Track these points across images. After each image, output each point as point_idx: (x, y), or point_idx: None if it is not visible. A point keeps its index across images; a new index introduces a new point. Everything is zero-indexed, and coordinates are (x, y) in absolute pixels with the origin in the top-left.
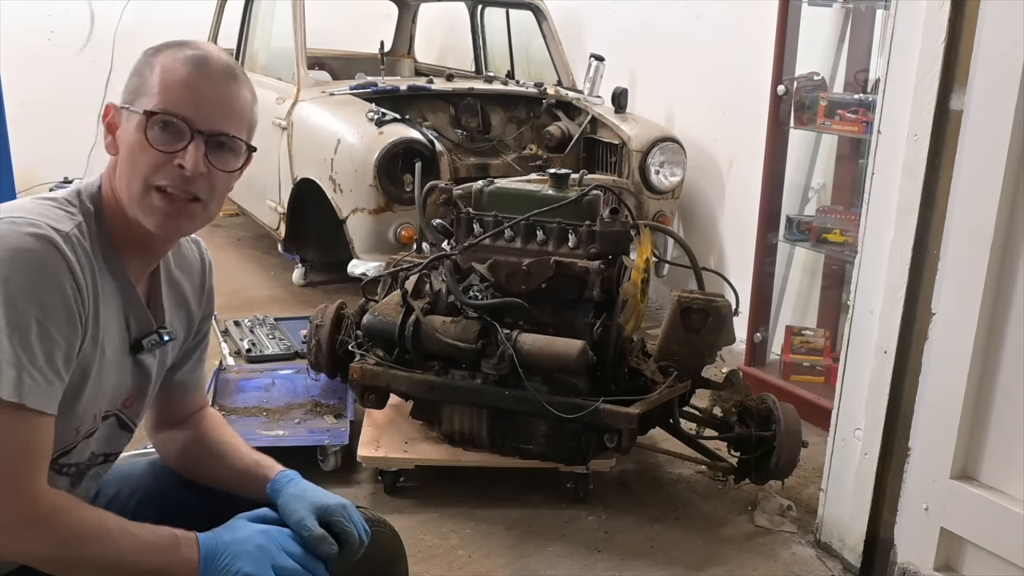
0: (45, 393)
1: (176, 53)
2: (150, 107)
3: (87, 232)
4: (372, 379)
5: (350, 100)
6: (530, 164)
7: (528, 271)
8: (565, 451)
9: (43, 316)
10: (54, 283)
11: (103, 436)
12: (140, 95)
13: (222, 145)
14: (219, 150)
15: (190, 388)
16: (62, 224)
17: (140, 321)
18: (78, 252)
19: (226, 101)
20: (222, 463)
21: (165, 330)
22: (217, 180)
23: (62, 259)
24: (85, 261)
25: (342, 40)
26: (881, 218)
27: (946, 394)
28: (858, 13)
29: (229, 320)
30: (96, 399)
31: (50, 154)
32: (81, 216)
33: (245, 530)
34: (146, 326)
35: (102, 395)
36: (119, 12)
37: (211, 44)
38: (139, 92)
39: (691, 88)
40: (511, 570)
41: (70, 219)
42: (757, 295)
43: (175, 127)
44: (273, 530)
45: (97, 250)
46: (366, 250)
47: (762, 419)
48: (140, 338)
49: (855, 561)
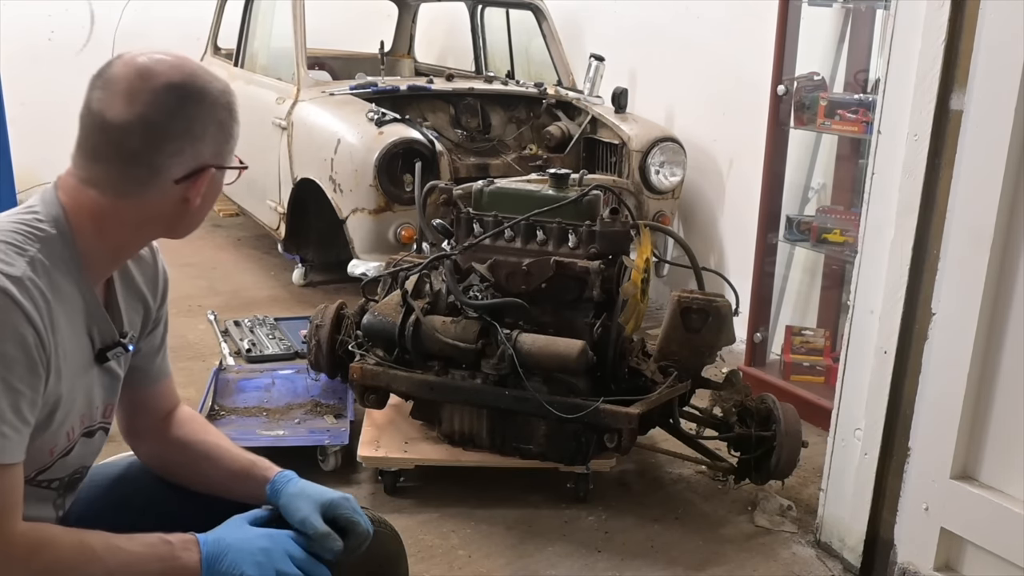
0: (14, 446)
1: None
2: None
3: (44, 260)
4: (372, 379)
5: (350, 100)
6: (530, 164)
7: (528, 271)
8: (565, 451)
9: (5, 371)
10: (12, 336)
11: (88, 450)
12: (230, 150)
13: None
14: None
15: (152, 377)
16: (14, 266)
17: (103, 332)
18: (33, 294)
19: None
20: (213, 467)
21: (127, 338)
22: None
23: (17, 309)
24: (41, 302)
25: (342, 40)
26: (881, 218)
27: (946, 394)
28: (858, 13)
29: (229, 320)
30: (66, 420)
31: (50, 154)
32: (38, 245)
33: (247, 532)
34: (109, 336)
35: (73, 414)
36: (119, 12)
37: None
38: (231, 147)
39: (691, 88)
40: (511, 570)
41: (21, 256)
42: (757, 295)
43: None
44: (277, 533)
45: (58, 271)
46: (366, 250)
47: (762, 419)
48: (104, 349)
49: (855, 561)
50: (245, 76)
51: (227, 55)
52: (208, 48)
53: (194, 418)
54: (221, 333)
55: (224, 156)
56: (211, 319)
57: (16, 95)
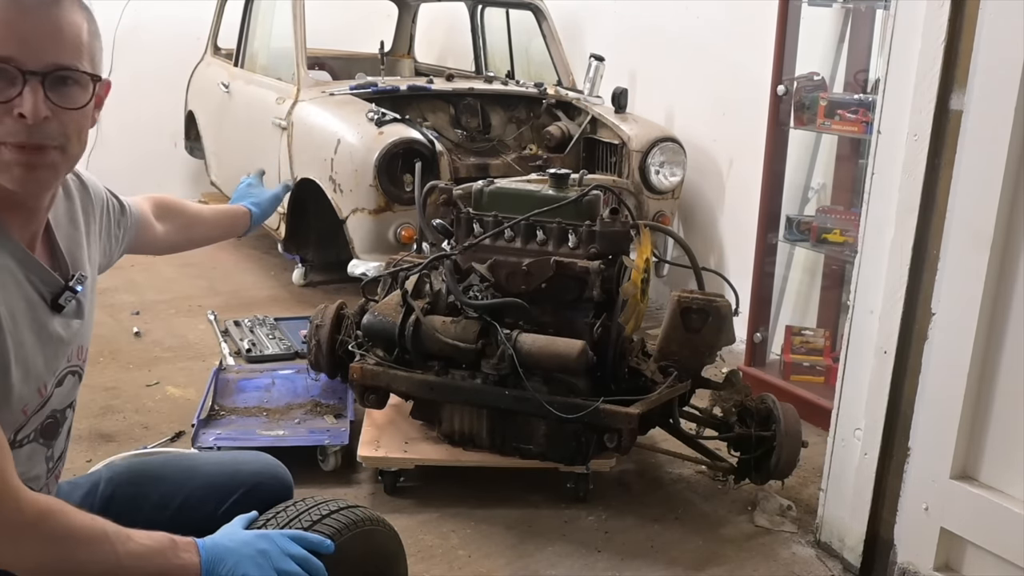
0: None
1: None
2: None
3: None
4: (372, 379)
5: (350, 100)
6: (530, 164)
7: (528, 271)
8: (565, 451)
9: None
10: None
11: (62, 394)
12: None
13: (63, 80)
14: (61, 86)
15: (145, 226)
16: None
17: (48, 283)
18: None
19: (52, 29)
20: (193, 223)
21: (74, 278)
22: (68, 119)
23: None
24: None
25: (342, 40)
26: (881, 218)
27: (946, 394)
28: (858, 13)
29: (229, 320)
30: (30, 377)
31: None
32: None
33: (244, 535)
34: (55, 285)
35: (36, 372)
36: (119, 12)
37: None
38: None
39: (691, 88)
40: (511, 570)
41: None
42: (757, 295)
43: (3, 72)
44: (272, 534)
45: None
46: (366, 250)
47: (762, 419)
48: (55, 298)
49: (855, 561)
50: (245, 76)
51: (227, 55)
52: (208, 48)
53: (162, 201)
54: (221, 333)
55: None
56: (211, 319)
57: None
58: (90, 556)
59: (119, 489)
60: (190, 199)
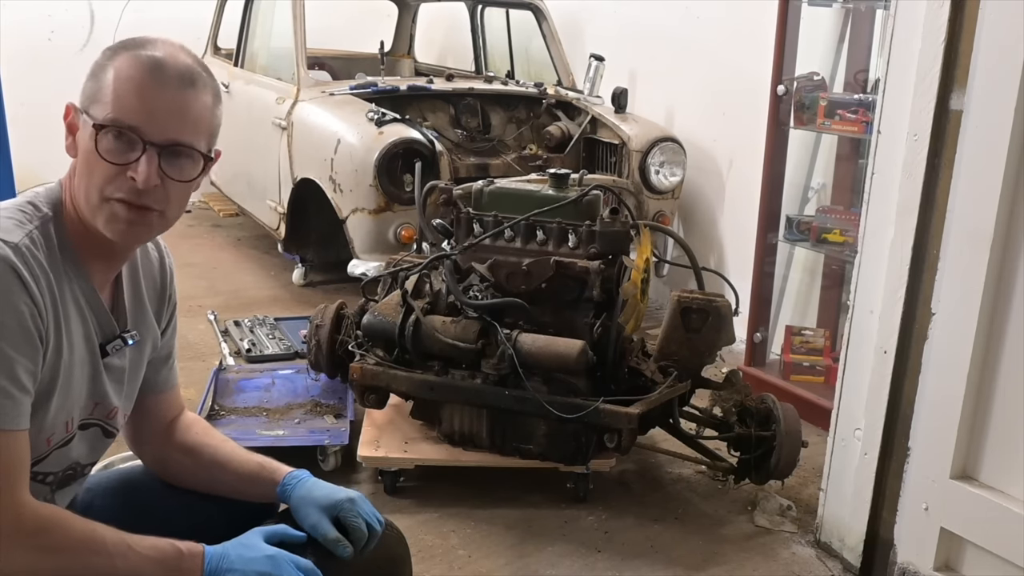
0: (13, 410)
1: (132, 56)
2: (101, 117)
3: (42, 239)
4: (372, 379)
5: (350, 100)
6: (530, 164)
7: (528, 271)
8: (565, 451)
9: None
10: (6, 303)
11: (86, 446)
12: (95, 101)
13: (177, 154)
14: (174, 159)
15: (158, 388)
16: (11, 235)
17: (104, 326)
18: (31, 263)
19: (181, 109)
20: (222, 471)
21: (128, 333)
22: (173, 190)
23: (14, 275)
24: (39, 272)
25: (342, 40)
26: (881, 218)
27: (946, 394)
28: (858, 13)
29: (229, 320)
30: (64, 408)
31: (50, 154)
32: (37, 222)
33: (254, 550)
34: (110, 331)
35: (71, 404)
36: (119, 12)
37: (173, 44)
38: (94, 98)
39: (691, 88)
40: (511, 570)
41: (20, 228)
42: (757, 295)
43: (127, 138)
44: (281, 555)
45: (56, 256)
46: (366, 250)
47: (762, 419)
48: (105, 343)
49: (855, 561)
50: (245, 76)
51: (227, 55)
52: (208, 48)
53: (197, 421)
54: (221, 333)
55: (89, 106)
56: (211, 319)
57: (16, 95)
58: (85, 565)
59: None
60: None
